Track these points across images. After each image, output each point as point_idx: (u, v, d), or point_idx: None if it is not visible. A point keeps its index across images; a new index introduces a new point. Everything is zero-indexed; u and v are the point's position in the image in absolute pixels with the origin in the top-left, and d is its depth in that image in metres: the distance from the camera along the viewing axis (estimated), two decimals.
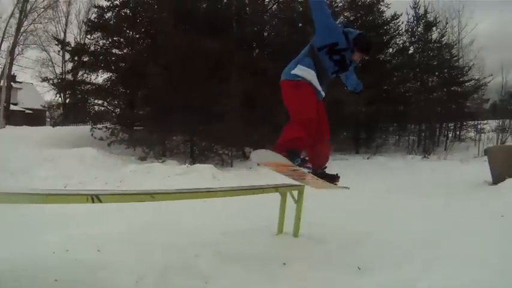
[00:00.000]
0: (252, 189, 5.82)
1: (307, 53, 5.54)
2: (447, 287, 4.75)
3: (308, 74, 5.41)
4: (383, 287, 4.81)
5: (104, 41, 19.29)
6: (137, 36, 19.42)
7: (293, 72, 5.45)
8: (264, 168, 14.87)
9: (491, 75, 27.74)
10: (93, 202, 3.85)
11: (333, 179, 6.06)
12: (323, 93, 5.64)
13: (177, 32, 16.07)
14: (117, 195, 4.41)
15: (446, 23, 27.64)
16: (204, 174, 12.09)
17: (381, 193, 11.11)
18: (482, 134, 27.54)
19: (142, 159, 15.72)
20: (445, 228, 7.25)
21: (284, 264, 5.37)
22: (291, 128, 5.41)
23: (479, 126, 28.11)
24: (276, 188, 6.50)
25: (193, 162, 14.69)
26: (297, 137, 5.28)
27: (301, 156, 5.44)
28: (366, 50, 5.64)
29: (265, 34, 20.15)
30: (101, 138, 16.68)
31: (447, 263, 5.44)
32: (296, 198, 6.74)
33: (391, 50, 25.40)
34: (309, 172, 5.59)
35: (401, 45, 25.74)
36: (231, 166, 15.83)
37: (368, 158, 19.03)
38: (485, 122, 29.42)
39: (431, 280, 4.91)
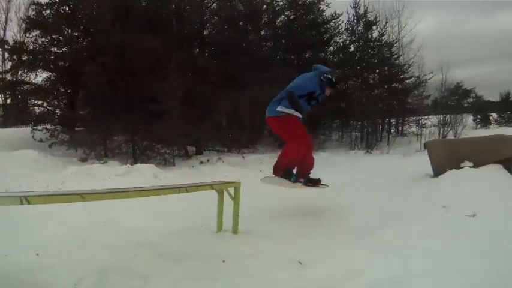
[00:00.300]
0: (185, 187, 5.77)
1: (286, 96, 7.33)
2: (391, 277, 4.80)
3: (289, 110, 7.29)
4: (325, 278, 4.84)
5: (43, 39, 18.74)
6: (76, 34, 19.06)
7: (278, 109, 7.29)
8: (207, 167, 14.97)
9: (431, 72, 28.35)
10: (21, 204, 3.74)
11: (316, 182, 8.12)
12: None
13: (116, 30, 15.88)
14: (46, 197, 4.28)
15: (386, 22, 27.97)
16: (145, 173, 11.96)
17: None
18: (424, 129, 28.25)
19: (84, 160, 15.43)
20: (388, 219, 7.35)
21: (223, 261, 5.36)
22: (289, 148, 7.44)
23: (420, 122, 28.76)
24: (211, 185, 6.47)
25: (135, 162, 14.50)
26: (292, 156, 7.36)
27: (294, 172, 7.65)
28: (335, 87, 8.00)
29: (206, 32, 20.07)
30: (41, 140, 16.30)
31: (391, 253, 5.51)
32: (233, 195, 6.73)
33: (331, 48, 25.63)
34: (301, 184, 7.88)
35: (341, 44, 26.01)
36: (174, 165, 15.71)
37: None
38: (426, 117, 30.10)
39: (374, 270, 4.98)
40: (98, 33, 16.87)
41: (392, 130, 29.08)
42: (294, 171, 7.75)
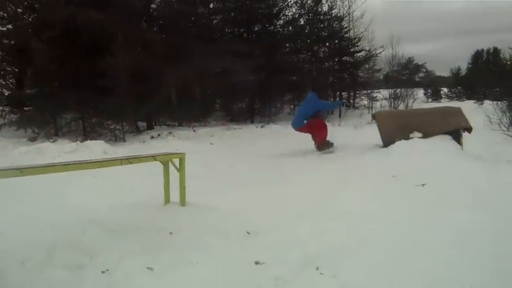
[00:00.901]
0: (128, 159, 5.70)
1: (306, 116, 11.98)
2: (337, 245, 4.87)
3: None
4: (273, 248, 4.87)
5: None
6: (21, 10, 18.53)
7: (302, 123, 11.97)
8: (157, 141, 14.88)
9: (382, 47, 28.72)
10: None
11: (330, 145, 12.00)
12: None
13: (61, 5, 15.53)
14: None
15: None
16: (94, 150, 11.84)
17: (271, 158, 11.27)
18: (375, 102, 28.67)
19: (33, 140, 15.14)
20: (337, 189, 7.44)
21: (171, 233, 5.36)
22: (320, 136, 11.82)
23: (371, 95, 29.18)
24: (154, 157, 6.41)
25: (84, 140, 14.30)
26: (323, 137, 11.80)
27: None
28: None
29: (154, 6, 19.77)
30: None
31: (338, 222, 5.59)
32: (178, 166, 6.69)
33: (281, 21, 25.59)
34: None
35: (291, 17, 25.97)
36: (124, 141, 15.55)
37: (262, 127, 19.16)
38: (377, 91, 30.56)
39: (321, 239, 5.05)
40: (43, 8, 16.47)
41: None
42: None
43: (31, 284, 4.09)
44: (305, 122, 11.84)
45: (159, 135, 16.19)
